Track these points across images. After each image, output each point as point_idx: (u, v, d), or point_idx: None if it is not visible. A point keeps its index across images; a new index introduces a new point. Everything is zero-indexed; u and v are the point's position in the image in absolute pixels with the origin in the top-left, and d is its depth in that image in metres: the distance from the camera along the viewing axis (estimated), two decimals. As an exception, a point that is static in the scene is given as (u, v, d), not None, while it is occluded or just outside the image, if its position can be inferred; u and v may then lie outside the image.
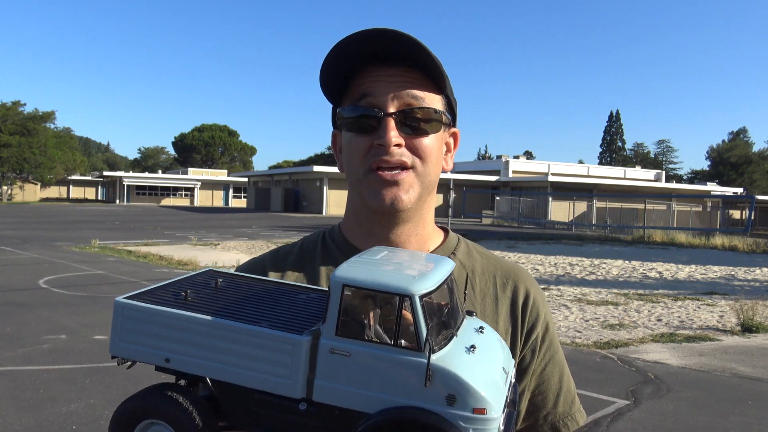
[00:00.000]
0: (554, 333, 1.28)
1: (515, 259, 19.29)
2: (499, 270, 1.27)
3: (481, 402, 0.76)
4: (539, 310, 1.25)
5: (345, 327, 0.79)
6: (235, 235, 26.10)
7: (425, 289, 0.78)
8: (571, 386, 1.28)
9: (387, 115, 1.08)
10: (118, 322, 0.87)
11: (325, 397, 0.79)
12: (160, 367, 0.88)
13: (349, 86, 1.14)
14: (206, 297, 0.92)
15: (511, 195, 46.88)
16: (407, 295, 0.77)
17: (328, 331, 0.79)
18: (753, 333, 9.51)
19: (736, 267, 19.25)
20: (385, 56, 1.10)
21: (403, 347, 0.77)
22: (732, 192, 59.43)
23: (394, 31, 1.06)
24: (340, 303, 0.78)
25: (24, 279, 12.53)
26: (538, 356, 1.24)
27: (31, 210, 46.58)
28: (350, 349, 0.78)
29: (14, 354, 7.05)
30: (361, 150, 1.11)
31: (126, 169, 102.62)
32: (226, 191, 77.91)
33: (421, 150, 1.11)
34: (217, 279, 1.00)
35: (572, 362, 7.37)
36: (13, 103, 65.93)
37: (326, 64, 1.11)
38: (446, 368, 0.76)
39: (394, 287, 0.77)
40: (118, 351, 0.88)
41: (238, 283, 1.01)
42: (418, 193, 1.13)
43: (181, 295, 0.90)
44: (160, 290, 0.93)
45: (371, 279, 0.79)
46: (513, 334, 1.22)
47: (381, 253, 0.91)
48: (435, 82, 1.13)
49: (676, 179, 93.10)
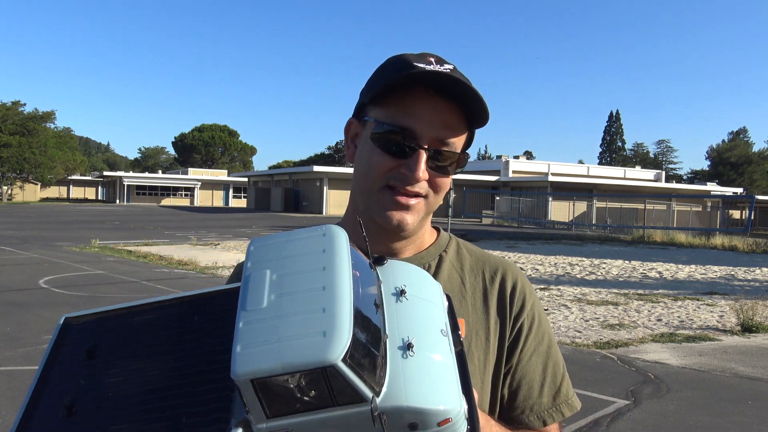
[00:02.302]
0: (544, 324, 1.29)
1: (515, 259, 19.30)
2: (487, 265, 1.29)
3: (442, 414, 0.71)
4: (525, 298, 1.27)
5: (273, 406, 0.67)
6: (235, 235, 26.10)
7: (343, 348, 0.64)
8: (558, 377, 1.27)
9: (421, 149, 1.10)
10: None
11: None
12: None
13: (391, 95, 1.13)
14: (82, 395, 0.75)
15: (511, 195, 46.89)
16: (328, 366, 0.64)
17: (257, 417, 0.67)
18: (753, 333, 9.52)
19: (736, 267, 19.25)
20: (436, 86, 1.11)
21: (344, 403, 0.67)
22: (732, 192, 59.42)
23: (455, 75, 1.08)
24: (257, 396, 0.66)
25: (24, 279, 12.53)
26: (524, 344, 1.24)
27: (31, 210, 46.59)
28: (288, 425, 0.68)
29: (14, 354, 7.05)
30: (383, 168, 1.12)
31: (126, 169, 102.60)
32: (226, 191, 77.91)
33: (439, 186, 1.15)
34: (92, 347, 0.79)
35: (572, 362, 7.38)
36: (13, 103, 65.92)
37: (385, 74, 1.12)
38: (398, 405, 0.69)
39: (308, 363, 0.63)
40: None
41: (117, 338, 0.80)
42: (422, 217, 1.17)
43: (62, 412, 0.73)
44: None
45: (279, 362, 0.64)
46: (502, 322, 1.24)
47: (265, 284, 0.70)
48: (470, 123, 1.15)
49: (676, 179, 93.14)
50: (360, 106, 1.20)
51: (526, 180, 51.03)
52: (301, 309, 0.67)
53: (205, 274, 14.26)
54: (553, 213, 43.34)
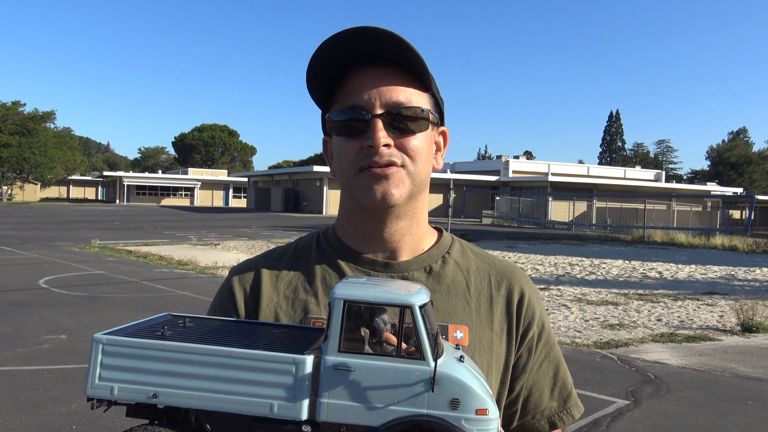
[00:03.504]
0: (550, 330, 1.28)
1: (515, 259, 19.30)
2: (493, 269, 1.27)
3: (482, 403, 0.78)
4: (534, 310, 1.25)
5: (347, 343, 0.79)
6: (235, 235, 26.09)
7: (422, 300, 0.81)
8: (567, 381, 1.28)
9: (374, 117, 1.09)
10: (97, 359, 0.81)
11: (330, 416, 0.79)
12: (133, 410, 0.83)
13: (335, 90, 1.14)
14: (183, 332, 0.88)
15: (511, 195, 46.87)
16: (408, 306, 0.79)
17: (330, 348, 0.79)
18: (753, 333, 9.51)
19: (736, 267, 19.25)
20: (368, 57, 1.10)
21: (406, 356, 0.79)
22: (732, 192, 59.41)
23: (374, 28, 1.06)
24: (342, 319, 0.79)
25: (24, 279, 12.53)
26: (535, 354, 1.24)
27: (31, 210, 46.58)
28: (354, 363, 0.79)
29: (14, 354, 7.05)
30: (351, 153, 1.12)
31: (126, 169, 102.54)
32: (226, 191, 77.91)
33: (410, 149, 1.12)
34: (185, 320, 0.96)
35: (572, 362, 7.38)
36: (13, 103, 65.91)
37: (311, 69, 1.11)
38: (449, 374, 0.79)
39: (394, 299, 0.80)
40: (95, 392, 0.81)
41: (204, 322, 0.97)
42: (409, 190, 1.14)
43: (159, 332, 0.86)
44: (132, 329, 0.88)
45: (371, 295, 0.80)
46: (508, 333, 1.22)
47: (363, 278, 0.92)
48: (420, 80, 1.13)
49: (676, 179, 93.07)
50: (323, 121, 1.21)
51: (526, 180, 51.01)
52: (390, 287, 0.84)
53: (205, 274, 14.26)
54: (553, 213, 43.32)
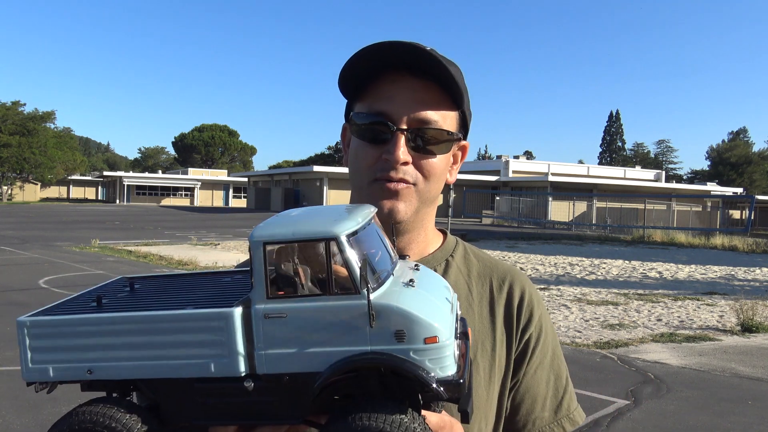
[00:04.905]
0: (551, 337, 1.26)
1: (515, 259, 19.29)
2: (495, 273, 1.27)
3: (430, 331, 0.72)
4: (533, 310, 1.24)
5: (275, 288, 0.74)
6: (235, 235, 26.08)
7: (348, 229, 0.74)
8: (561, 391, 1.25)
9: (399, 131, 1.08)
10: (25, 343, 0.79)
11: (270, 367, 0.74)
12: (87, 384, 0.80)
13: (367, 86, 1.13)
14: (121, 300, 0.86)
15: (511, 195, 46.86)
16: (332, 238, 0.72)
17: (258, 296, 0.74)
18: (753, 333, 9.51)
19: (736, 267, 19.25)
20: (407, 67, 1.10)
21: (338, 293, 0.73)
22: (732, 192, 59.38)
23: (419, 45, 1.07)
24: (264, 263, 0.73)
25: (24, 279, 12.53)
26: (530, 356, 1.22)
27: (31, 210, 46.57)
28: (285, 309, 0.73)
29: (14, 354, 7.05)
30: (368, 160, 1.12)
31: (126, 169, 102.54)
32: (226, 191, 77.87)
33: (426, 170, 1.12)
34: (132, 283, 0.94)
35: (572, 362, 7.38)
36: (13, 103, 65.90)
37: (349, 64, 1.11)
38: (388, 304, 0.72)
39: (316, 233, 0.73)
40: (32, 376, 0.80)
41: (156, 282, 0.95)
42: (416, 207, 1.14)
43: (92, 303, 0.83)
44: (68, 303, 0.87)
45: (291, 231, 0.74)
46: (508, 334, 1.22)
47: (297, 211, 0.85)
48: (453, 98, 1.13)
49: (676, 179, 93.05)
50: (347, 107, 1.20)
51: (526, 180, 50.98)
52: (320, 216, 0.79)
53: (205, 274, 14.26)
54: (553, 213, 43.30)
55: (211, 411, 0.77)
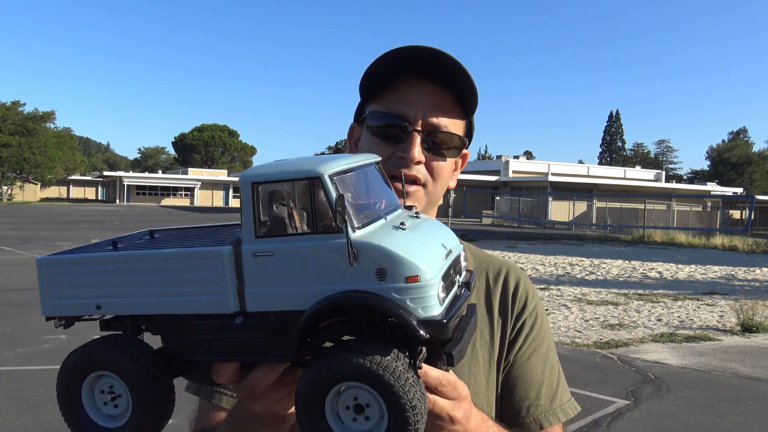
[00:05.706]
0: (545, 328, 1.29)
1: (515, 259, 19.29)
2: (491, 266, 1.31)
3: (412, 269, 0.72)
4: (528, 299, 1.28)
5: (264, 227, 0.75)
6: (235, 235, 26.08)
7: (334, 168, 0.75)
8: (555, 381, 1.27)
9: (415, 131, 1.13)
10: (43, 280, 0.84)
11: (258, 305, 0.76)
12: (104, 324, 0.86)
13: (384, 88, 1.17)
14: (136, 245, 0.89)
15: (511, 195, 46.87)
16: (316, 176, 0.73)
17: (247, 236, 0.76)
18: (753, 333, 9.51)
19: (736, 267, 19.24)
20: (425, 71, 1.14)
21: (322, 231, 0.73)
22: (732, 192, 59.38)
23: (441, 51, 1.12)
24: (253, 203, 0.75)
25: (24, 279, 12.53)
26: (524, 343, 1.25)
27: (31, 210, 46.56)
28: (272, 248, 0.75)
29: (14, 354, 7.05)
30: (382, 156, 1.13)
31: (126, 169, 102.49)
32: (226, 191, 77.89)
33: (437, 171, 1.17)
34: (153, 232, 0.99)
35: (572, 362, 7.39)
36: (13, 103, 65.90)
37: (374, 66, 1.15)
38: (370, 242, 0.73)
39: (300, 171, 0.74)
40: (49, 311, 0.85)
41: (176, 232, 1.00)
42: (423, 208, 1.18)
43: (109, 247, 0.88)
44: (87, 247, 0.91)
45: (277, 170, 0.76)
46: (504, 320, 1.25)
47: (290, 159, 0.86)
48: (464, 108, 1.18)
49: (676, 179, 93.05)
50: (359, 107, 1.24)
51: (526, 180, 50.99)
52: (318, 157, 0.79)
53: (205, 274, 14.27)
54: (553, 213, 43.30)
55: (207, 348, 0.80)
